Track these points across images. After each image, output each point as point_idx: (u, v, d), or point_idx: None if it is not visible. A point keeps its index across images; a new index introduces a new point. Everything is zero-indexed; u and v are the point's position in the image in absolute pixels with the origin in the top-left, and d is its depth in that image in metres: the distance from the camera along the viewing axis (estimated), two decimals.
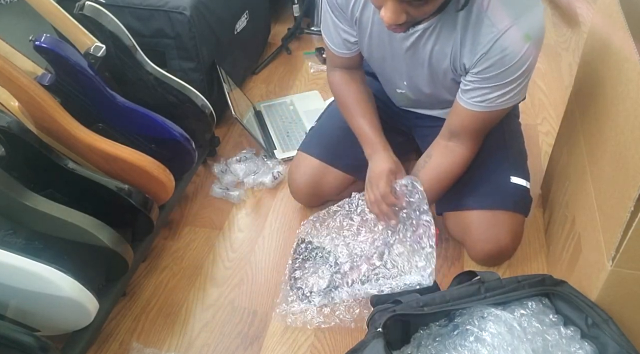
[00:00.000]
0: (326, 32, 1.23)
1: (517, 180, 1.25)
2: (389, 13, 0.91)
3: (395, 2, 0.90)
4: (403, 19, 0.92)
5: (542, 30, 0.99)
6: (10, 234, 0.99)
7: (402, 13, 0.91)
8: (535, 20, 0.98)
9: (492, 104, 1.06)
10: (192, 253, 1.35)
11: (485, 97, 1.05)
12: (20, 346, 0.86)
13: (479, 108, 1.08)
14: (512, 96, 1.05)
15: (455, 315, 0.98)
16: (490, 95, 1.05)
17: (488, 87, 1.04)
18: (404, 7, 0.91)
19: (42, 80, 1.12)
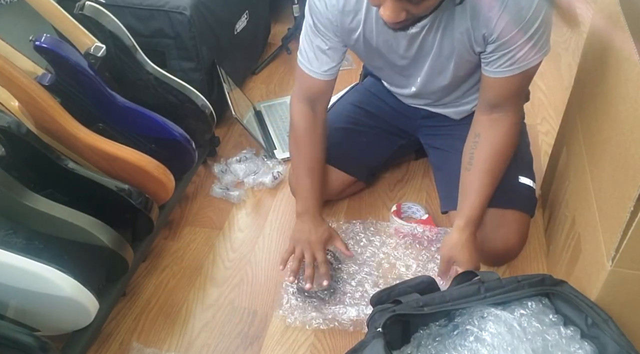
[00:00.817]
0: (305, 55, 1.21)
1: (524, 180, 1.25)
2: (389, 11, 0.90)
3: (393, 0, 0.89)
4: (403, 17, 0.92)
5: None
6: (10, 234, 0.99)
7: (402, 11, 0.91)
8: None
9: (522, 64, 1.05)
10: (192, 253, 1.35)
11: (513, 59, 1.04)
12: (20, 346, 0.86)
13: (511, 73, 1.06)
14: (540, 48, 1.03)
15: (455, 315, 0.98)
16: (518, 55, 1.03)
17: (513, 49, 1.02)
18: (403, 4, 0.90)
19: (42, 80, 1.12)
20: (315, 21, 1.15)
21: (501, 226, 1.21)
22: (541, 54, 1.05)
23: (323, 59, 1.19)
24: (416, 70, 1.20)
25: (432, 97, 1.30)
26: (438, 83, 1.21)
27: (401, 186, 1.50)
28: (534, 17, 0.98)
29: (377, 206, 1.44)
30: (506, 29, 1.00)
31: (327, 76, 1.22)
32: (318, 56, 1.19)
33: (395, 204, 1.38)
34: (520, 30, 1.00)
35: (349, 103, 1.44)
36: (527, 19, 0.98)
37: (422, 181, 1.50)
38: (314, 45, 1.18)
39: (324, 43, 1.17)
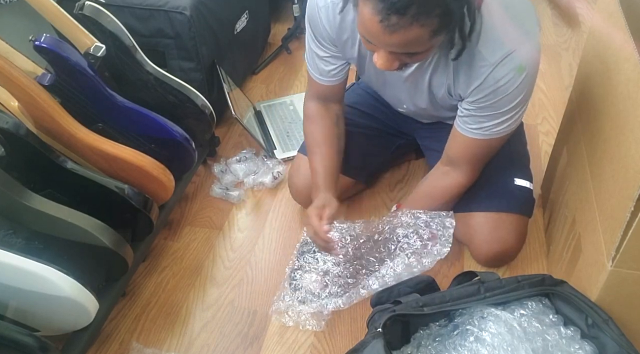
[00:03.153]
0: (309, 60, 1.23)
1: (520, 182, 1.25)
2: (382, 60, 0.92)
3: (389, 52, 0.90)
4: (396, 66, 0.94)
5: (537, 59, 0.99)
6: (10, 234, 0.99)
7: (395, 61, 0.93)
8: (529, 49, 0.97)
9: (488, 132, 1.07)
10: (192, 253, 1.35)
11: (481, 125, 1.06)
12: (20, 346, 0.86)
13: (476, 135, 1.08)
14: (510, 124, 1.06)
15: (455, 315, 0.98)
16: (486, 123, 1.05)
17: (483, 116, 1.05)
18: (398, 56, 0.92)
19: (42, 80, 1.12)
20: (314, 31, 1.16)
21: (498, 229, 1.21)
22: (511, 128, 1.07)
23: (324, 66, 1.20)
24: (406, 96, 1.22)
25: (423, 117, 1.31)
26: (427, 110, 1.22)
27: (401, 186, 1.50)
28: (512, 96, 1.00)
29: (377, 206, 1.44)
30: (482, 99, 1.02)
31: (332, 81, 1.23)
32: (318, 63, 1.21)
33: (396, 204, 1.38)
34: (495, 103, 1.01)
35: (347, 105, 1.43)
36: (503, 96, 1.00)
37: None
38: (314, 53, 1.20)
39: (322, 51, 1.18)
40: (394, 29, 0.83)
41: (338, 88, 1.25)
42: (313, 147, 1.27)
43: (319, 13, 1.11)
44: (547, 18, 2.24)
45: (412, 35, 0.84)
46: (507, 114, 1.03)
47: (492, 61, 0.96)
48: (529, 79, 0.98)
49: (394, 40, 0.86)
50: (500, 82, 0.98)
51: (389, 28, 0.83)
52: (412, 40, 0.85)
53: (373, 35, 0.87)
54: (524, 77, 0.97)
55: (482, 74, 0.98)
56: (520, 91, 0.99)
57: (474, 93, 1.02)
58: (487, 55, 0.96)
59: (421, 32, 0.84)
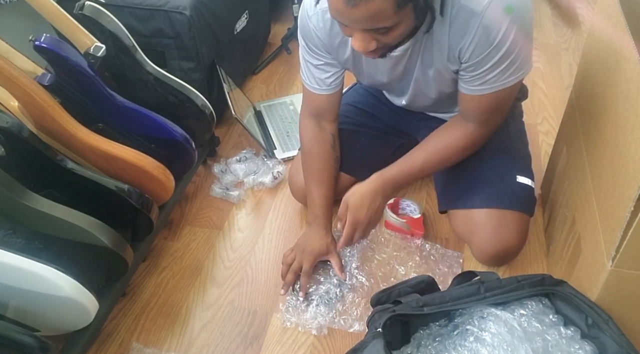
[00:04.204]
0: (304, 72, 1.23)
1: (523, 179, 1.25)
2: (359, 42, 0.93)
3: (362, 31, 0.91)
4: (373, 46, 0.94)
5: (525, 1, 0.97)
6: (10, 234, 0.99)
7: (372, 40, 0.93)
8: None
9: (495, 84, 1.05)
10: (192, 253, 1.35)
11: (484, 79, 1.05)
12: (20, 346, 0.86)
13: (482, 92, 1.07)
14: (514, 71, 1.04)
15: (455, 315, 0.98)
16: (489, 76, 1.04)
17: (484, 70, 1.03)
18: (372, 34, 0.92)
19: (42, 80, 1.12)
20: (306, 41, 1.17)
21: (501, 227, 1.21)
22: (517, 76, 1.05)
23: (319, 75, 1.21)
24: (403, 88, 1.22)
25: (424, 108, 1.31)
26: (426, 98, 1.22)
27: None
28: (504, 39, 0.98)
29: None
30: (475, 52, 1.01)
31: (327, 91, 1.23)
32: (314, 73, 1.21)
33: (394, 198, 1.38)
34: (489, 54, 1.00)
35: (346, 104, 1.44)
36: (495, 43, 0.98)
37: (423, 181, 1.50)
38: (309, 63, 1.21)
39: (317, 60, 1.19)
40: (354, 3, 0.84)
41: (333, 99, 1.26)
42: (311, 174, 1.29)
43: (309, 22, 1.13)
44: (547, 18, 2.24)
45: (375, 7, 0.84)
46: (506, 60, 1.01)
47: (479, 10, 0.95)
48: (518, 19, 0.96)
49: (358, 14, 0.86)
50: (489, 28, 0.97)
51: (351, 2, 0.84)
52: (376, 13, 0.86)
53: (339, 13, 0.88)
54: (512, 17, 0.96)
55: (472, 26, 0.97)
56: (511, 32, 0.97)
57: (468, 48, 1.01)
58: (473, 6, 0.96)
59: (383, 3, 0.84)
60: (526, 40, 1.01)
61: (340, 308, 1.18)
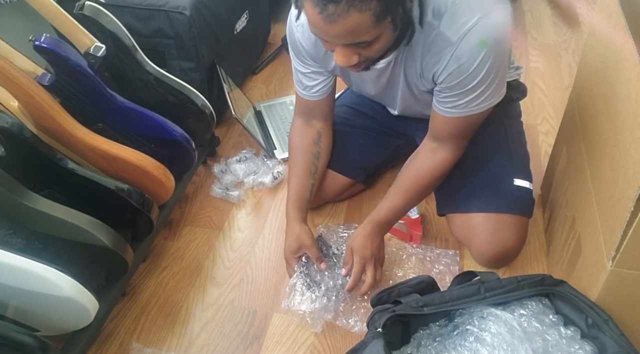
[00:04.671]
0: (294, 76, 1.24)
1: (520, 182, 1.25)
2: (340, 56, 0.93)
3: (343, 46, 0.92)
4: (355, 60, 0.94)
5: (501, 32, 0.97)
6: (10, 234, 0.99)
7: (353, 55, 0.93)
8: (493, 24, 0.96)
9: (464, 110, 1.07)
10: (192, 253, 1.35)
11: (455, 103, 1.06)
12: (20, 346, 0.86)
13: (453, 114, 1.09)
14: (484, 99, 1.05)
15: (455, 315, 0.98)
16: (460, 101, 1.06)
17: (455, 95, 1.05)
18: (353, 49, 0.92)
19: (42, 80, 1.12)
20: (293, 49, 1.19)
21: (499, 230, 1.21)
22: (487, 103, 1.06)
23: (307, 82, 1.22)
24: (391, 99, 1.23)
25: (418, 115, 1.31)
26: (416, 108, 1.23)
27: None
28: (476, 71, 0.99)
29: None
30: (448, 78, 1.02)
31: (315, 97, 1.25)
32: (302, 79, 1.23)
33: None
34: (461, 81, 1.01)
35: (343, 105, 1.44)
36: (468, 72, 1.00)
37: None
38: (297, 70, 1.22)
39: (304, 68, 1.20)
40: (332, 19, 0.84)
41: (323, 103, 1.26)
42: (290, 166, 1.30)
43: (295, 32, 1.15)
44: (547, 18, 2.24)
45: (353, 22, 0.84)
46: (478, 89, 1.02)
47: (454, 40, 0.97)
48: (492, 53, 0.97)
49: (337, 31, 0.86)
50: (462, 59, 0.98)
51: (328, 18, 0.84)
52: (355, 27, 0.86)
53: (319, 29, 0.89)
54: (486, 51, 0.96)
55: (446, 54, 0.99)
56: (485, 64, 0.98)
57: (442, 73, 1.02)
58: (449, 35, 0.97)
59: (361, 18, 0.84)
60: (500, 70, 1.03)
61: (341, 307, 1.18)
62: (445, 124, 1.11)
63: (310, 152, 1.29)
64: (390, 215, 1.19)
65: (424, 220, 1.38)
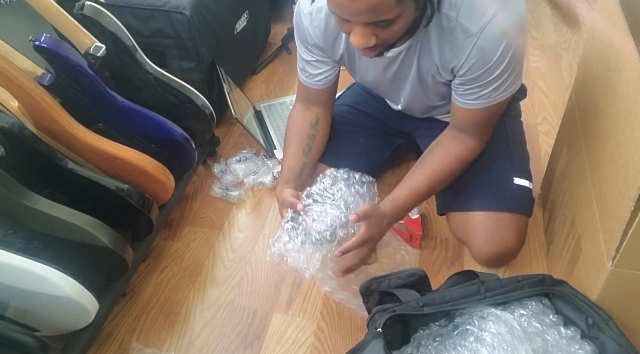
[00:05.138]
0: (298, 63, 1.24)
1: (520, 181, 1.25)
2: (358, 37, 0.92)
3: (362, 26, 0.91)
4: (373, 42, 0.93)
5: (520, 22, 1.00)
6: (10, 234, 0.99)
7: (371, 36, 0.92)
8: (511, 15, 0.98)
9: (487, 100, 1.07)
10: (192, 253, 1.35)
11: (478, 94, 1.07)
12: (20, 346, 0.86)
13: (475, 106, 1.09)
14: (506, 88, 1.06)
15: (455, 315, 0.98)
16: (483, 92, 1.06)
17: (478, 86, 1.05)
18: (372, 29, 0.92)
19: (42, 80, 1.12)
20: (299, 37, 1.18)
21: (499, 229, 1.21)
22: (508, 91, 1.07)
23: (311, 70, 1.22)
24: (398, 91, 1.22)
25: (420, 112, 1.31)
26: (422, 102, 1.23)
27: None
28: (499, 61, 1.00)
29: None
30: (471, 70, 1.03)
31: (319, 86, 1.24)
32: (305, 67, 1.22)
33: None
34: (484, 72, 1.02)
35: (344, 104, 1.44)
36: (491, 62, 1.00)
37: None
38: (302, 57, 1.21)
39: (310, 56, 1.20)
40: None
41: (325, 92, 1.26)
42: (284, 148, 1.29)
43: (303, 20, 1.14)
44: (547, 18, 2.24)
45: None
46: (500, 78, 1.03)
47: (474, 32, 0.97)
48: (512, 42, 0.99)
49: (359, 7, 0.86)
50: (484, 50, 0.99)
51: None
52: (378, 3, 0.85)
53: (340, 7, 0.88)
54: (507, 41, 0.98)
55: (467, 46, 0.99)
56: (506, 55, 0.99)
57: (463, 66, 1.02)
58: (469, 26, 0.97)
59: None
60: (520, 59, 1.04)
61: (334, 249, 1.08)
62: (468, 116, 1.11)
63: (305, 133, 1.28)
64: (411, 199, 1.14)
65: (424, 220, 1.38)
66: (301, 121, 1.29)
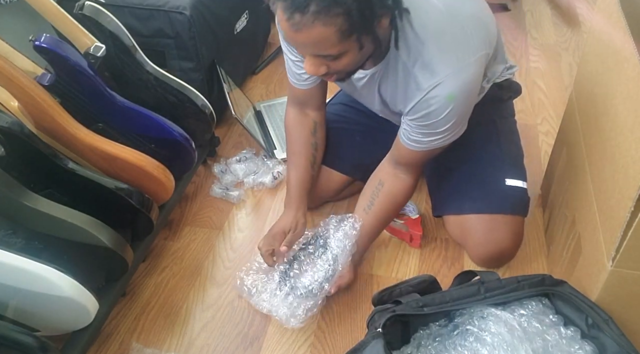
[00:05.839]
0: (286, 64, 1.25)
1: (512, 182, 1.25)
2: (308, 65, 0.95)
3: (311, 55, 0.94)
4: (323, 71, 0.96)
5: (469, 89, 1.01)
6: (10, 234, 0.99)
7: (321, 66, 0.95)
8: (461, 79, 0.99)
9: (426, 146, 1.10)
10: (192, 253, 1.35)
11: (418, 139, 1.09)
12: (20, 346, 0.86)
13: (415, 148, 1.11)
14: (446, 139, 1.08)
15: (455, 315, 0.98)
16: (424, 139, 1.09)
17: (420, 132, 1.08)
18: (321, 60, 0.94)
19: (42, 80, 1.12)
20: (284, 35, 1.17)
21: (493, 230, 1.21)
22: (449, 140, 1.09)
23: (296, 70, 1.22)
24: (371, 104, 1.23)
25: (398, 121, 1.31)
26: (393, 117, 1.23)
27: None
28: (443, 121, 1.03)
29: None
30: (416, 120, 1.06)
31: (306, 85, 1.24)
32: (292, 67, 1.23)
33: None
34: (427, 125, 1.05)
35: (340, 103, 1.45)
36: (434, 120, 1.03)
37: (422, 181, 1.49)
38: (288, 58, 1.22)
39: (293, 56, 1.20)
40: (298, 28, 0.86)
41: (314, 92, 1.27)
42: (290, 157, 1.30)
43: None
44: (547, 18, 2.24)
45: (317, 34, 0.86)
46: (442, 133, 1.06)
47: (424, 87, 1.00)
48: (459, 106, 1.02)
49: (301, 39, 0.89)
50: (431, 107, 1.01)
51: (294, 26, 0.86)
52: (319, 39, 0.87)
53: (287, 35, 0.91)
54: (453, 105, 1.00)
55: (415, 97, 1.02)
56: (452, 116, 1.02)
57: (410, 113, 1.06)
58: (421, 81, 1.00)
59: (326, 32, 0.86)
60: (464, 116, 1.07)
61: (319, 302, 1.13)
62: (407, 154, 1.15)
63: (309, 142, 1.30)
64: (368, 239, 1.22)
65: (424, 220, 1.38)
66: (301, 129, 1.30)
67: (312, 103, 1.29)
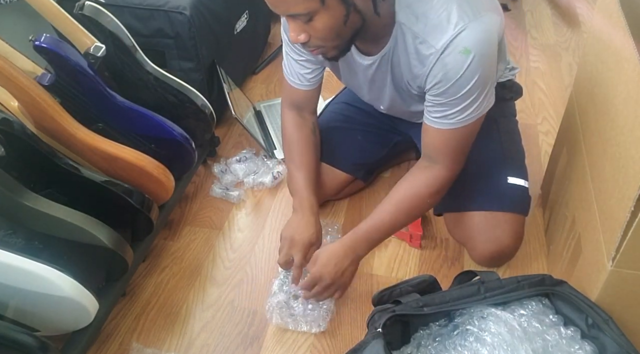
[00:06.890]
0: (286, 66, 1.24)
1: (514, 180, 1.25)
2: (290, 31, 0.95)
3: (291, 20, 0.94)
4: (303, 38, 0.95)
5: (485, 38, 0.96)
6: (10, 234, 0.99)
7: (301, 32, 0.95)
8: (475, 32, 0.94)
9: (454, 120, 1.04)
10: (192, 253, 1.35)
11: (445, 113, 1.04)
12: (20, 346, 0.86)
13: (442, 126, 1.06)
14: (475, 109, 1.02)
15: (455, 315, 0.98)
16: (449, 111, 1.03)
17: (443, 103, 1.02)
18: (300, 25, 0.94)
19: (42, 80, 1.12)
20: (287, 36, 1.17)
21: (493, 228, 1.21)
22: (478, 112, 1.04)
23: (300, 70, 1.22)
24: (379, 96, 1.21)
25: (405, 116, 1.31)
26: (403, 108, 1.22)
27: None
28: (464, 79, 0.97)
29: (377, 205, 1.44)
30: (436, 86, 1.01)
31: (307, 86, 1.25)
32: (294, 67, 1.22)
33: None
34: (449, 89, 0.99)
35: (342, 102, 1.45)
36: (454, 80, 0.98)
37: None
38: (290, 57, 1.21)
39: (298, 55, 1.20)
40: None
41: (312, 94, 1.27)
42: (294, 158, 1.29)
43: None
44: (547, 18, 2.24)
45: None
46: (466, 99, 1.00)
47: (437, 47, 0.96)
48: (478, 60, 0.95)
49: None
50: (447, 66, 0.97)
51: None
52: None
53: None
54: (471, 59, 0.95)
55: (430, 62, 0.98)
56: (471, 73, 0.96)
57: (428, 81, 1.01)
58: (432, 42, 0.96)
59: None
60: (488, 78, 1.01)
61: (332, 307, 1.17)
62: (437, 137, 1.08)
63: (312, 142, 1.30)
64: (373, 230, 1.12)
65: (424, 220, 1.38)
66: (302, 129, 1.30)
67: (309, 107, 1.30)
